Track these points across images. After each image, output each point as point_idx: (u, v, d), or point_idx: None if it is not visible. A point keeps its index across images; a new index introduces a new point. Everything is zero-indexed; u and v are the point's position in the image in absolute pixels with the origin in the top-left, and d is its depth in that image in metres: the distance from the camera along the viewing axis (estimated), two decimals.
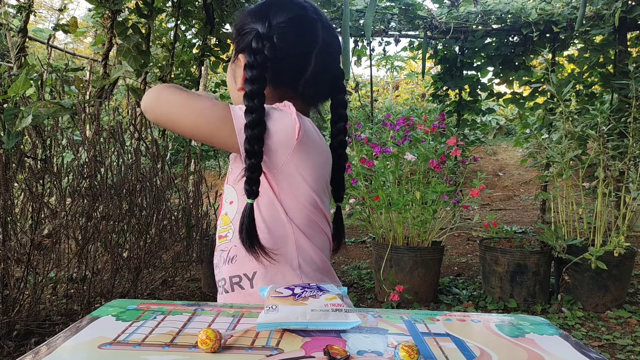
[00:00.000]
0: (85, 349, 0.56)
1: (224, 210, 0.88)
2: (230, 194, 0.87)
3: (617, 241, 2.63)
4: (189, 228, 2.57)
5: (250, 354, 0.55)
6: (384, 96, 13.06)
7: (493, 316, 0.72)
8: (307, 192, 0.82)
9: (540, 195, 3.67)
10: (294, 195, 0.82)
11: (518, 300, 2.83)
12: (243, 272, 0.83)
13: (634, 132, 2.85)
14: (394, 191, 2.96)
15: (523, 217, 6.14)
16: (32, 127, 1.91)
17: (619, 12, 3.74)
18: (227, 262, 0.85)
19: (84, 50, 9.43)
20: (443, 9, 4.80)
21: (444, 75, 5.29)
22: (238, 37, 0.85)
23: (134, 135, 2.38)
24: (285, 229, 0.82)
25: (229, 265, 0.84)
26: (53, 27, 3.24)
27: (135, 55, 3.05)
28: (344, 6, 3.23)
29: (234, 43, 0.87)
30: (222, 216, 0.88)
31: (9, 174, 1.83)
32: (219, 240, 0.88)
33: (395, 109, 9.91)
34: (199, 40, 3.90)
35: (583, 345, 0.61)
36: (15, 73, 2.12)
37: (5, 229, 1.86)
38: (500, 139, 9.11)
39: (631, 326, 2.55)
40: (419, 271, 2.88)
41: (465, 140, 4.91)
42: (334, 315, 0.64)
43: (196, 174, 2.80)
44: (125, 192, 2.22)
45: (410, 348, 0.53)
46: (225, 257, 0.85)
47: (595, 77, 4.70)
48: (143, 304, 0.73)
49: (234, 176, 0.86)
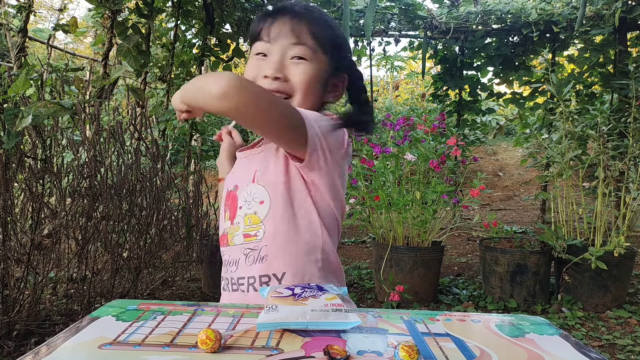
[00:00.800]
0: (86, 349, 0.56)
1: (251, 209, 0.88)
2: (260, 194, 0.87)
3: (617, 241, 2.63)
4: (189, 228, 2.57)
5: (250, 354, 0.55)
6: (384, 96, 13.06)
7: (493, 316, 0.72)
8: (340, 197, 0.89)
9: (540, 195, 3.67)
10: (329, 198, 0.87)
11: (518, 300, 2.83)
12: (272, 272, 0.85)
13: (634, 132, 2.85)
14: (394, 191, 2.96)
15: (523, 217, 6.14)
16: (32, 127, 1.91)
17: (619, 12, 3.74)
18: (258, 261, 0.86)
19: (84, 50, 9.43)
20: (443, 9, 4.80)
21: (444, 75, 5.29)
22: (336, 51, 0.92)
23: (134, 135, 2.38)
24: (317, 231, 0.86)
25: (260, 264, 0.85)
26: (53, 27, 3.25)
27: (135, 55, 3.05)
28: (344, 6, 3.23)
29: (327, 54, 0.90)
30: (248, 215, 0.88)
31: (9, 174, 1.83)
32: (244, 238, 0.88)
33: (395, 109, 9.91)
34: (199, 40, 3.90)
35: (583, 345, 0.61)
36: (15, 73, 2.12)
37: (5, 229, 1.86)
38: (500, 139, 9.11)
39: (631, 326, 2.55)
40: (419, 271, 2.88)
41: (465, 140, 4.91)
42: (334, 315, 0.64)
43: (196, 174, 2.80)
44: (125, 192, 2.22)
45: (410, 348, 0.53)
46: (256, 256, 0.86)
47: (595, 77, 4.70)
48: (143, 304, 0.73)
49: (268, 176, 0.87)
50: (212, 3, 3.55)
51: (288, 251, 0.84)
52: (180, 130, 3.74)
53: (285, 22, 0.88)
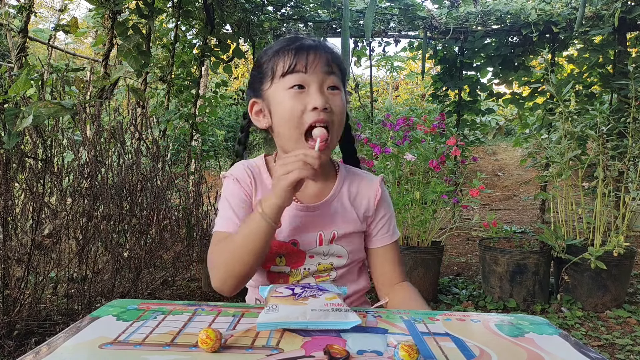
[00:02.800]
0: (86, 349, 0.56)
1: (328, 261, 0.98)
2: (340, 251, 0.99)
3: (616, 241, 2.63)
4: (189, 228, 2.57)
5: (251, 354, 0.55)
6: (384, 96, 13.07)
7: (492, 316, 0.73)
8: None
9: (540, 195, 3.67)
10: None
11: (517, 300, 2.83)
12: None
13: (633, 132, 2.86)
14: (393, 191, 2.96)
15: (522, 217, 6.14)
16: (32, 127, 1.91)
17: (619, 13, 3.74)
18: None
19: (85, 51, 9.43)
20: (443, 9, 4.80)
21: (443, 75, 5.29)
22: (341, 74, 0.97)
23: (135, 136, 2.38)
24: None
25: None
26: (54, 27, 3.25)
27: (135, 55, 3.05)
28: (343, 7, 3.24)
29: (338, 77, 0.95)
30: (322, 264, 0.98)
31: (9, 174, 1.84)
32: (316, 279, 0.97)
33: (395, 109, 9.92)
34: (199, 40, 3.90)
35: (582, 345, 0.61)
36: (15, 73, 2.13)
37: (6, 229, 1.86)
38: (500, 139, 9.12)
39: (630, 326, 2.55)
40: (419, 271, 2.89)
41: (465, 141, 4.91)
42: (333, 314, 0.64)
43: (196, 174, 2.80)
44: (126, 192, 2.23)
45: (410, 347, 0.53)
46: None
47: (594, 78, 4.70)
48: (143, 304, 0.73)
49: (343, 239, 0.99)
50: (213, 3, 3.55)
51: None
52: (180, 130, 3.74)
53: (320, 54, 0.92)
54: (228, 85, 6.45)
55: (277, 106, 0.93)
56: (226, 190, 0.98)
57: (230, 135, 9.80)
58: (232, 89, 8.95)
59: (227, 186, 0.98)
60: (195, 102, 3.76)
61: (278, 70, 0.92)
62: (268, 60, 0.95)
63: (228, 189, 0.98)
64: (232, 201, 0.96)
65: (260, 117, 0.99)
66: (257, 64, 0.99)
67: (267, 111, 0.96)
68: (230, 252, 0.86)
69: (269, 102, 0.95)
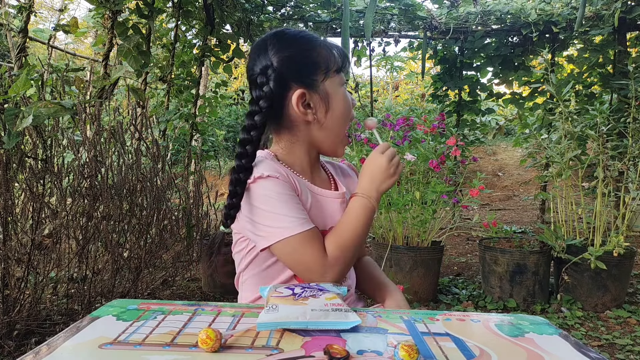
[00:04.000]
0: (86, 349, 0.56)
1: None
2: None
3: (616, 241, 2.63)
4: (189, 228, 2.57)
5: (251, 354, 0.55)
6: (384, 96, 13.07)
7: (492, 316, 0.73)
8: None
9: (540, 195, 3.67)
10: None
11: (517, 300, 2.83)
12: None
13: (633, 132, 2.86)
14: (393, 191, 2.96)
15: (522, 217, 6.14)
16: (32, 127, 1.91)
17: (619, 13, 3.74)
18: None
19: (85, 51, 9.44)
20: (443, 9, 4.80)
21: (443, 75, 5.29)
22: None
23: (135, 136, 2.38)
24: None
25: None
26: (54, 27, 3.25)
27: (135, 55, 3.05)
28: (344, 7, 3.23)
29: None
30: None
31: (9, 174, 1.84)
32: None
33: (395, 109, 9.92)
34: (199, 40, 3.90)
35: (582, 345, 0.61)
36: (15, 73, 2.13)
37: (6, 229, 1.86)
38: (500, 139, 9.12)
39: (630, 326, 2.55)
40: (419, 271, 2.89)
41: (465, 141, 4.91)
42: (333, 314, 0.64)
43: (196, 174, 2.80)
44: (126, 192, 2.23)
45: (410, 347, 0.53)
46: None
47: (594, 78, 4.70)
48: (143, 304, 0.73)
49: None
50: (213, 3, 3.55)
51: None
52: (180, 130, 3.74)
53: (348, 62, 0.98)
54: (228, 86, 6.46)
55: (338, 102, 0.91)
56: (274, 190, 0.86)
57: (230, 135, 9.80)
58: (232, 89, 8.96)
59: (275, 186, 0.86)
60: (195, 102, 3.76)
61: (332, 65, 0.90)
62: (313, 51, 0.90)
63: (277, 188, 0.86)
64: (293, 199, 0.87)
65: (306, 110, 0.90)
66: (300, 51, 0.90)
67: (321, 104, 0.90)
68: (352, 240, 0.88)
69: (327, 95, 0.90)
